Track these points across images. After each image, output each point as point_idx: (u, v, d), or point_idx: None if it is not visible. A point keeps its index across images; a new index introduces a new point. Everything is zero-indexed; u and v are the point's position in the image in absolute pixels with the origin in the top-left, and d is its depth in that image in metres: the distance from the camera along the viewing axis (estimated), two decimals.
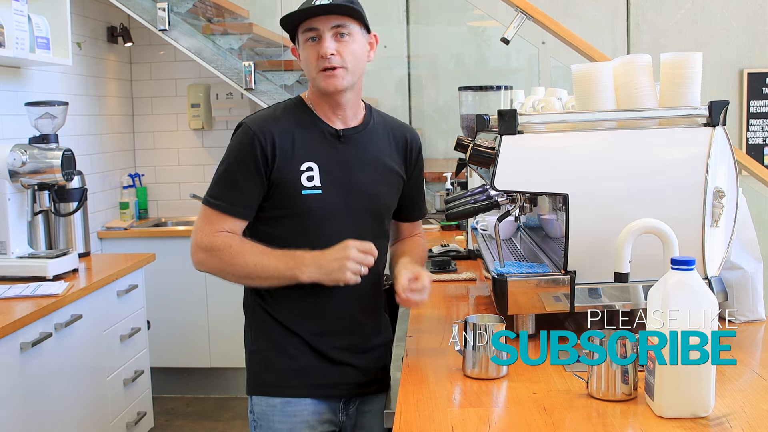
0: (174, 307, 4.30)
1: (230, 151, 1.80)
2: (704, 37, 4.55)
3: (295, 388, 1.81)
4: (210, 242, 1.75)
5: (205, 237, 1.76)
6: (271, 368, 1.82)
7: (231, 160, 1.78)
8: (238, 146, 1.78)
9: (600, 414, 1.38)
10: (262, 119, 1.80)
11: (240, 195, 1.76)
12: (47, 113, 3.12)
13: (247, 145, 1.75)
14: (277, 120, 1.80)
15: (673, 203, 1.71)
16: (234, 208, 1.77)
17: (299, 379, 1.81)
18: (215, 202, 1.77)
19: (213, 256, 1.74)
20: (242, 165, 1.75)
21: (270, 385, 1.82)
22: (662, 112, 1.77)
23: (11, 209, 2.89)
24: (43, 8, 3.30)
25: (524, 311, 1.80)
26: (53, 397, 2.61)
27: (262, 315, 1.84)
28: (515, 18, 3.27)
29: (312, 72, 1.76)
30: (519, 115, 1.75)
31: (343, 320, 1.83)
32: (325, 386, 1.83)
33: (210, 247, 1.75)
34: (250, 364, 1.87)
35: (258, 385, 1.84)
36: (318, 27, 1.73)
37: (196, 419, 4.17)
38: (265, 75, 4.10)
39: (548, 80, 4.22)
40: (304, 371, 1.81)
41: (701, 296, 1.33)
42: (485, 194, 1.97)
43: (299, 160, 1.77)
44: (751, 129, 4.59)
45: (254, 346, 1.86)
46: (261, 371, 1.83)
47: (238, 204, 1.76)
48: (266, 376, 1.83)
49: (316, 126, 1.81)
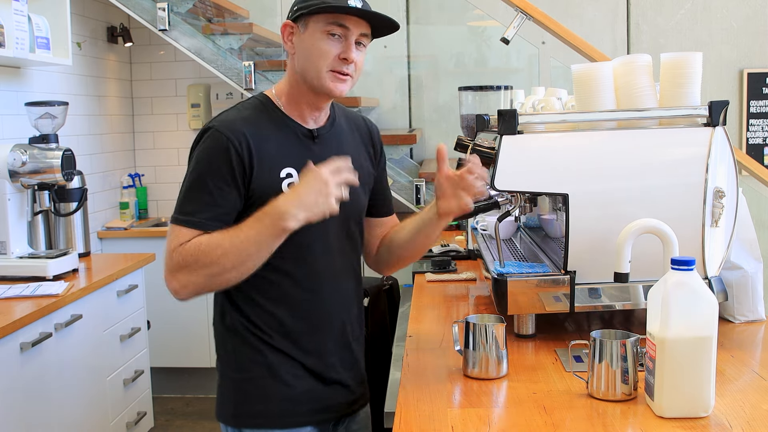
0: (174, 307, 4.26)
1: (199, 159, 1.57)
2: (704, 37, 4.55)
3: (296, 417, 1.65)
4: (181, 256, 1.51)
5: (174, 254, 1.52)
6: (268, 397, 1.63)
7: (202, 170, 1.56)
8: (208, 154, 1.56)
9: (600, 414, 1.38)
10: (231, 122, 1.58)
11: (216, 208, 1.54)
12: (47, 113, 3.12)
13: (221, 153, 1.54)
14: (249, 122, 1.60)
15: (673, 203, 1.72)
16: (209, 223, 1.53)
17: (298, 407, 1.65)
18: (187, 219, 1.54)
19: (190, 269, 1.51)
20: (216, 175, 1.54)
21: (267, 416, 1.63)
22: (662, 112, 1.77)
23: (11, 209, 2.89)
24: (43, 8, 3.30)
25: (524, 311, 1.80)
26: (53, 397, 2.61)
27: (249, 338, 1.63)
28: (515, 18, 3.27)
29: (320, 67, 1.57)
30: (519, 115, 1.75)
31: (333, 333, 1.69)
32: (321, 411, 1.68)
33: (182, 263, 1.51)
34: (235, 393, 1.65)
35: (251, 416, 1.64)
36: (350, 27, 1.57)
37: (196, 419, 4.16)
38: (265, 75, 4.09)
39: (548, 80, 4.21)
40: (302, 398, 1.65)
41: (701, 296, 1.33)
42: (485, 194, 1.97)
43: (278, 165, 1.59)
44: (751, 129, 4.59)
45: (240, 373, 1.65)
46: (254, 401, 1.63)
47: (215, 219, 1.53)
48: (261, 406, 1.63)
49: (288, 127, 1.64)
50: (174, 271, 1.53)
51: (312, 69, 1.59)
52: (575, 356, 1.67)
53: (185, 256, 1.51)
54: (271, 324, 1.63)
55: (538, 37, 4.02)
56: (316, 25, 1.57)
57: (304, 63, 1.60)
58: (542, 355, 1.71)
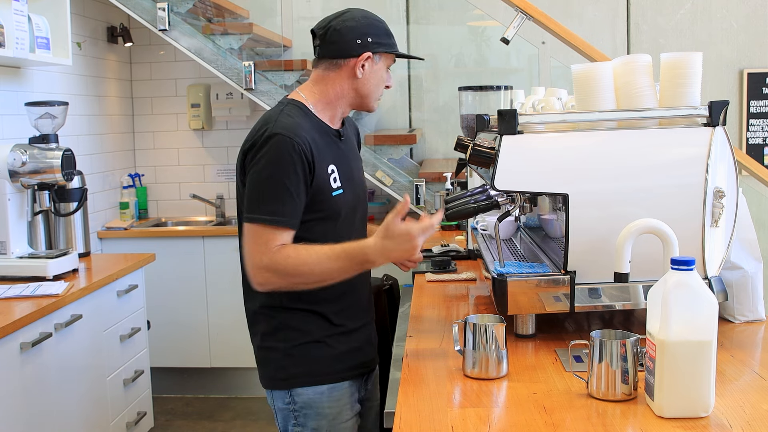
0: (174, 307, 4.30)
1: (273, 163, 1.75)
2: (704, 37, 4.55)
3: (338, 373, 1.90)
4: (270, 260, 1.73)
5: (264, 257, 1.73)
6: (317, 359, 1.88)
7: (278, 172, 1.75)
8: (281, 157, 1.75)
9: (600, 414, 1.38)
10: (293, 127, 1.79)
11: (295, 206, 1.76)
12: (47, 113, 3.12)
13: (293, 155, 1.75)
14: (303, 127, 1.81)
15: (673, 203, 1.71)
16: (291, 220, 1.76)
17: (339, 364, 1.90)
18: (273, 218, 1.74)
19: (277, 274, 1.74)
20: (292, 175, 1.74)
21: (317, 374, 1.88)
22: (662, 112, 1.77)
23: (11, 209, 2.89)
24: (43, 8, 3.30)
25: (524, 311, 1.80)
26: (53, 397, 2.61)
27: (303, 315, 1.87)
28: (515, 18, 3.27)
29: (375, 93, 1.92)
30: (519, 115, 1.75)
31: (362, 302, 1.98)
32: (356, 366, 1.94)
33: (271, 267, 1.73)
34: (287, 359, 1.88)
35: (303, 375, 1.88)
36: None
37: (196, 419, 4.17)
38: (265, 75, 4.09)
39: (548, 80, 4.21)
40: (342, 356, 1.90)
41: (701, 296, 1.33)
42: (485, 194, 1.97)
43: (326, 162, 1.83)
44: (751, 129, 4.59)
45: (291, 342, 1.88)
46: (305, 363, 1.87)
47: (295, 216, 1.76)
48: (311, 366, 1.88)
49: (323, 129, 1.88)
50: (262, 269, 1.75)
51: (375, 94, 1.93)
52: (575, 356, 1.67)
53: (275, 261, 1.73)
54: (321, 298, 1.86)
55: (538, 37, 4.02)
56: (385, 62, 1.92)
57: (369, 88, 1.91)
58: (542, 355, 1.71)
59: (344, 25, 1.86)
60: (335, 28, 1.86)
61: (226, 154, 4.76)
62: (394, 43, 1.92)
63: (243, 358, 1.83)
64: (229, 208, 4.68)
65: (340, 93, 1.90)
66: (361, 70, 1.87)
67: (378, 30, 1.89)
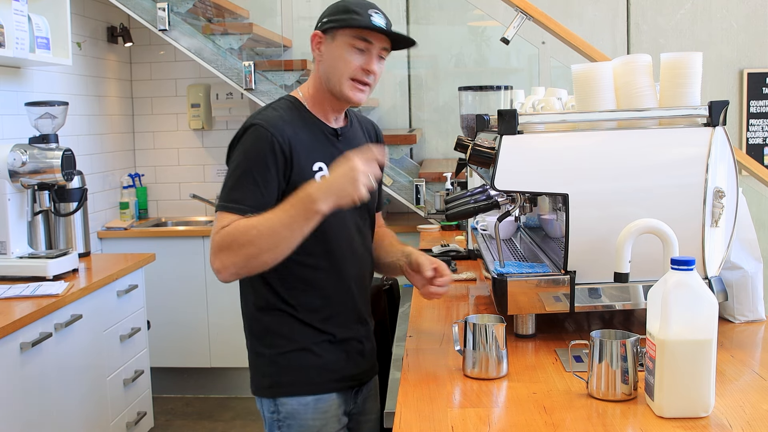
0: (174, 307, 4.30)
1: (245, 152, 1.72)
2: (704, 37, 4.55)
3: (324, 384, 1.82)
4: (220, 237, 1.63)
5: (215, 236, 1.65)
6: (302, 368, 1.81)
7: (248, 162, 1.71)
8: (254, 147, 1.71)
9: (600, 414, 1.38)
10: (273, 120, 1.75)
11: (260, 197, 1.68)
12: (47, 113, 3.12)
13: (266, 146, 1.70)
14: (285, 120, 1.77)
15: (673, 203, 1.71)
16: (253, 210, 1.66)
17: (326, 375, 1.83)
18: (233, 206, 1.67)
19: (228, 249, 1.62)
20: (262, 166, 1.69)
21: (302, 384, 1.81)
22: (662, 112, 1.77)
23: (11, 209, 2.89)
24: (43, 8, 3.30)
25: (524, 311, 1.80)
26: (53, 397, 2.61)
27: (287, 319, 1.80)
28: (515, 18, 3.27)
29: (341, 75, 1.75)
30: (519, 115, 1.75)
31: (355, 310, 1.87)
32: (344, 379, 1.86)
33: (222, 243, 1.63)
34: (272, 367, 1.82)
35: (287, 385, 1.81)
36: (372, 42, 1.75)
37: (196, 419, 4.17)
38: (265, 75, 4.09)
39: (548, 80, 4.21)
40: (329, 367, 1.83)
41: (701, 296, 1.33)
42: (485, 194, 1.97)
43: (311, 160, 1.76)
44: (751, 129, 4.59)
45: (276, 349, 1.81)
46: (290, 372, 1.81)
47: (258, 207, 1.66)
48: (296, 375, 1.81)
49: (316, 125, 1.82)
50: (216, 251, 1.65)
51: (335, 76, 1.77)
52: (575, 356, 1.67)
53: (224, 236, 1.63)
54: (304, 303, 1.80)
55: (538, 37, 4.02)
56: (343, 38, 1.75)
57: (329, 70, 1.78)
58: (542, 355, 1.71)
59: (321, 14, 1.81)
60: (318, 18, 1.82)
61: (226, 154, 4.75)
62: (352, 18, 1.73)
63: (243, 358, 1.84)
64: None
65: (317, 85, 1.82)
66: (318, 52, 1.79)
67: (335, 8, 1.78)
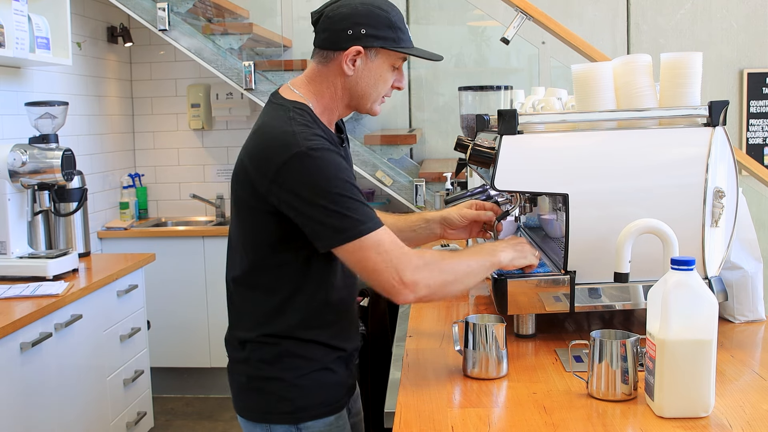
0: (174, 307, 4.30)
1: (325, 177, 1.54)
2: (704, 37, 4.55)
3: (341, 400, 1.74)
4: (419, 259, 1.56)
5: (408, 258, 1.55)
6: (323, 388, 1.71)
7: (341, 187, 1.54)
8: (328, 168, 1.55)
9: (600, 414, 1.38)
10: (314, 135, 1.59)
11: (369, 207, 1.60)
12: (47, 113, 3.12)
13: (341, 162, 1.58)
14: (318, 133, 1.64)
15: (673, 203, 1.71)
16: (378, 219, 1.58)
17: (341, 390, 1.75)
18: (368, 226, 1.54)
19: (431, 269, 1.57)
20: (352, 180, 1.58)
21: (326, 404, 1.71)
22: (662, 112, 1.77)
23: (11, 209, 2.89)
24: (43, 8, 3.30)
25: (524, 311, 1.80)
26: (53, 397, 2.61)
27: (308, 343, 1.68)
28: (515, 18, 3.26)
29: (377, 94, 1.68)
30: (519, 115, 1.75)
31: (355, 320, 1.84)
32: (350, 390, 1.80)
33: (423, 264, 1.57)
34: (294, 391, 1.68)
35: (312, 407, 1.69)
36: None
37: (196, 419, 4.17)
38: (265, 75, 4.09)
39: (548, 80, 4.21)
40: (342, 382, 1.75)
41: (701, 296, 1.33)
42: (485, 194, 1.97)
43: None
44: (751, 129, 4.59)
45: (296, 372, 1.68)
46: (313, 394, 1.69)
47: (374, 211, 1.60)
48: (319, 397, 1.70)
49: (328, 133, 1.71)
50: (416, 270, 1.56)
51: (372, 95, 1.68)
52: (575, 356, 1.67)
53: (425, 260, 1.58)
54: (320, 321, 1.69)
55: (538, 37, 4.02)
56: (387, 58, 1.66)
57: (365, 88, 1.67)
58: (542, 355, 1.71)
59: (337, 12, 1.63)
60: (327, 15, 1.65)
61: (226, 154, 4.76)
62: (400, 38, 1.64)
63: None
64: (229, 208, 4.67)
65: (333, 94, 1.68)
66: (350, 67, 1.64)
67: (377, 20, 1.62)
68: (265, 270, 1.68)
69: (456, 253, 1.69)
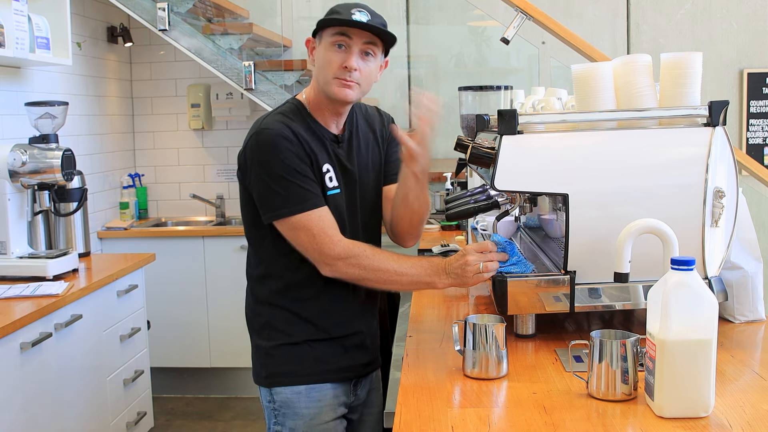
0: (174, 307, 4.30)
1: (271, 160, 1.76)
2: (704, 37, 4.55)
3: (317, 375, 1.89)
4: (345, 250, 1.75)
5: (332, 246, 1.74)
6: (295, 359, 1.88)
7: (280, 167, 1.75)
8: (274, 149, 1.75)
9: (600, 414, 1.38)
10: (281, 122, 1.79)
11: (311, 186, 1.77)
12: (47, 113, 3.12)
13: (288, 145, 1.75)
14: (294, 124, 1.81)
15: (673, 203, 1.71)
16: (318, 198, 1.77)
17: (320, 366, 1.89)
18: (298, 207, 1.75)
19: (350, 264, 1.75)
20: (296, 164, 1.75)
21: (295, 375, 1.88)
22: (662, 112, 1.77)
23: (11, 209, 2.89)
24: (43, 8, 3.30)
25: (524, 311, 1.80)
26: (53, 397, 2.61)
27: (287, 315, 1.88)
28: (515, 18, 3.27)
29: (327, 75, 1.78)
30: (519, 115, 1.75)
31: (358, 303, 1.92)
32: (340, 370, 1.91)
33: (346, 255, 1.75)
34: (268, 358, 1.90)
35: (281, 375, 1.89)
36: (352, 37, 1.76)
37: (196, 419, 4.17)
38: (265, 75, 4.09)
39: (548, 80, 4.22)
40: (323, 359, 1.89)
41: (701, 296, 1.33)
42: (485, 194, 1.97)
43: (320, 161, 1.82)
44: (751, 129, 4.59)
45: (274, 341, 1.89)
46: (284, 363, 1.88)
47: (316, 193, 1.77)
48: (290, 366, 1.88)
49: (319, 130, 1.85)
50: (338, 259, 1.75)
51: (322, 77, 1.80)
52: (575, 356, 1.67)
53: (350, 251, 1.74)
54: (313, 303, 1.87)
55: (538, 37, 4.03)
56: (326, 39, 1.78)
57: (318, 72, 1.81)
58: (542, 355, 1.71)
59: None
60: None
61: (226, 154, 4.76)
62: (330, 18, 1.77)
63: (243, 358, 1.85)
64: (229, 208, 4.68)
65: (316, 89, 1.85)
66: (311, 59, 1.84)
67: (329, 13, 1.80)
68: (254, 244, 1.91)
69: (395, 257, 1.76)
